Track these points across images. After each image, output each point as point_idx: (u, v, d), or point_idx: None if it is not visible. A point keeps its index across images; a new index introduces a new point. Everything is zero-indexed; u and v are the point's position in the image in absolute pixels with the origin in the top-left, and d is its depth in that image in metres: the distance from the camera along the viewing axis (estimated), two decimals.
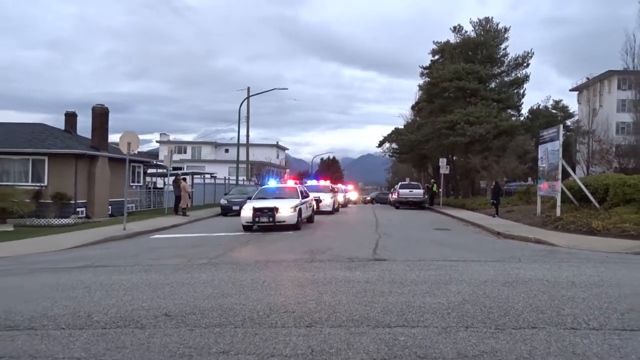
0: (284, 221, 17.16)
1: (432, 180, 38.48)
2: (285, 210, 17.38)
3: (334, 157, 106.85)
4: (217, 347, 4.75)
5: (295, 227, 17.58)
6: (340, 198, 34.94)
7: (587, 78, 63.43)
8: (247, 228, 17.57)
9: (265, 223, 17.17)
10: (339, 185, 42.01)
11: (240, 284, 7.91)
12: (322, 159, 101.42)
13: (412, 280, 7.95)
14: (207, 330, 5.34)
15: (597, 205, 17.85)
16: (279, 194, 19.68)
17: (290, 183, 22.98)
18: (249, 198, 20.35)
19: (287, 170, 73.79)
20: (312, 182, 35.98)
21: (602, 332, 5.10)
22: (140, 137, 19.39)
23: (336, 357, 4.45)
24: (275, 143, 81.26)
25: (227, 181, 44.57)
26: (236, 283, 7.98)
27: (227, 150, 72.38)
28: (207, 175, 45.44)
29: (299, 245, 13.33)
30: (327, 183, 35.99)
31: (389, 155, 59.81)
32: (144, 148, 76.16)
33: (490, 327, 5.29)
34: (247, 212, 17.52)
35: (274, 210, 17.18)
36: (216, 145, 76.07)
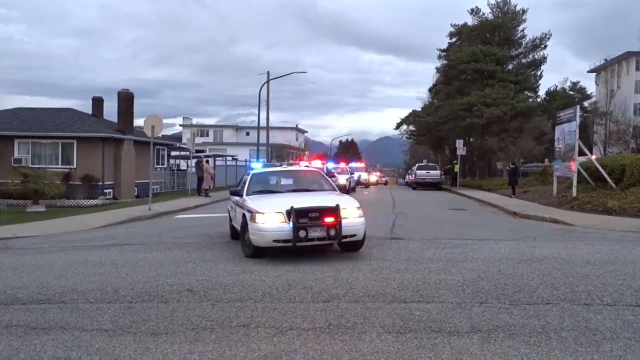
0: (354, 235, 8.43)
1: (455, 162, 38.33)
2: (353, 212, 8.63)
3: (352, 140, 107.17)
4: (237, 321, 4.94)
5: (361, 244, 9.02)
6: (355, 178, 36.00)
7: (605, 59, 62.31)
8: (261, 251, 8.46)
9: (321, 241, 8.19)
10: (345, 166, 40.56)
11: (260, 261, 8.11)
12: (340, 142, 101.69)
13: (427, 258, 8.08)
14: (228, 304, 5.54)
15: (613, 185, 17.72)
16: (297, 184, 10.42)
17: (316, 163, 15.84)
18: (236, 193, 10.67)
19: (307, 152, 74.05)
20: (330, 165, 35.93)
21: (615, 308, 5.19)
22: (164, 121, 19.63)
23: (352, 330, 4.61)
24: (295, 126, 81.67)
25: (247, 163, 45.03)
26: (256, 260, 8.17)
27: (247, 133, 72.76)
28: (229, 158, 45.88)
29: None
30: (343, 165, 36.13)
31: (406, 137, 59.91)
32: (168, 131, 76.89)
33: (504, 303, 5.41)
34: (272, 220, 8.17)
35: (336, 212, 8.16)
36: (237, 128, 76.63)
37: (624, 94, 54.49)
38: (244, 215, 8.94)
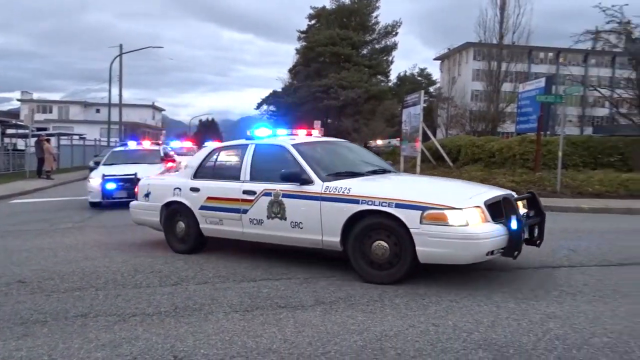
0: None
1: None
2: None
3: (212, 119, 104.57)
4: (74, 311, 4.66)
5: None
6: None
7: (448, 49, 68.02)
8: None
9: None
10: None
11: (106, 246, 7.69)
12: (200, 121, 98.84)
13: None
14: (66, 294, 5.19)
15: (450, 164, 19.62)
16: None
17: (147, 144, 16.67)
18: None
19: (163, 132, 70.96)
20: (175, 144, 28.29)
21: (442, 273, 5.77)
22: None
23: (199, 312, 4.60)
24: (152, 104, 77.75)
25: (97, 143, 41.90)
26: (102, 246, 7.74)
27: (98, 111, 67.49)
28: (76, 137, 42.25)
29: None
30: (190, 144, 29.70)
31: (267, 117, 60.11)
32: (4, 107, 68.66)
33: (348, 276, 5.73)
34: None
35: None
36: (86, 104, 70.72)
37: (463, 81, 59.93)
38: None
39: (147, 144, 16.44)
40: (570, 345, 3.73)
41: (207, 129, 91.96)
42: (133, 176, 12.21)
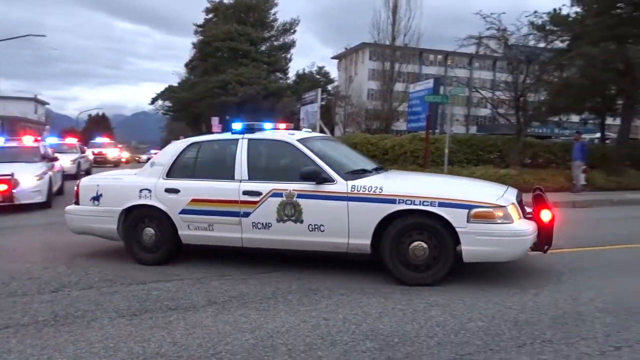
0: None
1: None
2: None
3: (103, 114, 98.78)
4: None
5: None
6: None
7: (345, 48, 69.68)
8: None
9: None
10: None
11: None
12: (89, 116, 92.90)
13: None
14: None
15: None
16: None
17: (27, 140, 14.49)
18: None
19: (47, 127, 65.76)
20: (52, 140, 23.70)
21: (332, 265, 5.91)
22: None
23: (82, 319, 4.34)
24: (34, 97, 71.58)
25: None
26: None
27: None
28: None
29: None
30: (75, 141, 25.59)
31: (162, 113, 57.98)
32: None
33: (242, 275, 5.70)
34: None
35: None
36: None
37: (360, 80, 61.80)
38: None
39: (26, 140, 14.22)
40: (449, 331, 4.00)
41: (97, 125, 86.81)
42: (9, 177, 10.81)
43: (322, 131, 20.97)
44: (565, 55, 18.45)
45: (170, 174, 6.25)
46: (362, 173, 5.93)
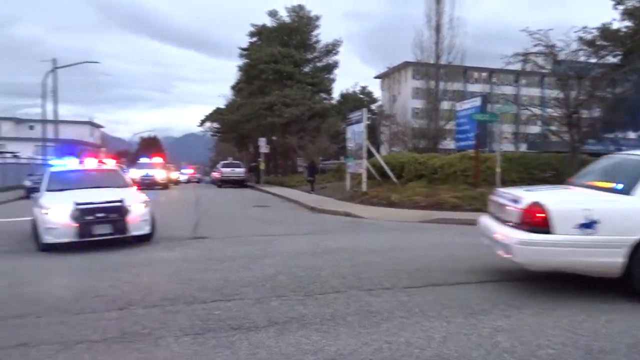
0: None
1: (259, 159, 39.25)
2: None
3: (154, 136, 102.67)
4: (15, 340, 4.40)
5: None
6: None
7: (388, 67, 69.60)
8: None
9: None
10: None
11: (46, 270, 7.36)
12: (142, 138, 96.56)
13: (229, 256, 8.17)
14: (3, 322, 4.90)
15: (395, 180, 20.05)
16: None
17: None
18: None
19: (103, 149, 68.57)
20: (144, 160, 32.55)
21: (392, 291, 5.88)
22: None
23: (149, 337, 4.46)
24: (89, 120, 75.12)
25: (32, 161, 40.02)
26: (41, 270, 7.40)
27: (31, 127, 64.27)
28: (8, 154, 40.18)
29: None
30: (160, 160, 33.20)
31: (210, 134, 59.43)
32: None
33: (299, 295, 5.74)
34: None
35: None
36: (18, 121, 67.41)
37: (403, 99, 61.60)
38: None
39: (93, 163, 12.48)
40: (518, 358, 3.88)
41: (149, 146, 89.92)
42: (120, 204, 9.27)
43: (368, 150, 20.97)
44: (617, 71, 17.90)
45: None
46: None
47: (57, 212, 8.96)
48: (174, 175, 46.23)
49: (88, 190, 9.90)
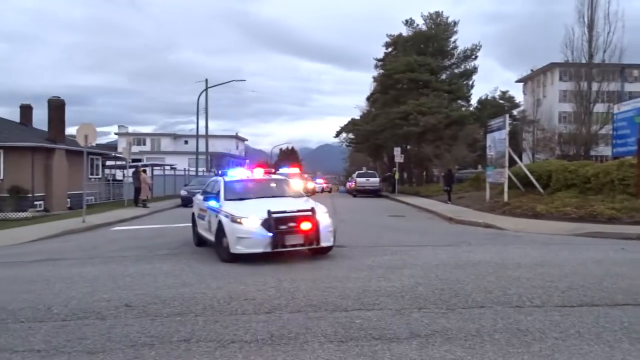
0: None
1: (394, 169, 39.29)
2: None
3: (292, 147, 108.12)
4: (178, 336, 4.85)
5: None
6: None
7: (531, 70, 65.63)
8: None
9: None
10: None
11: (201, 273, 8.00)
12: (280, 149, 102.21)
13: (368, 266, 8.23)
14: (169, 319, 5.43)
15: (541, 190, 18.72)
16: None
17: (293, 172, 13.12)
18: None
19: (247, 161, 73.68)
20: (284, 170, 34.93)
21: (544, 309, 5.48)
22: (99, 129, 19.09)
23: (295, 341, 4.64)
24: (235, 134, 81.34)
25: (187, 172, 44.34)
26: (197, 272, 8.06)
27: (186, 142, 71.46)
28: (167, 167, 45.01)
29: None
30: (297, 170, 34.67)
31: (345, 145, 60.74)
32: (103, 140, 74.65)
33: (441, 308, 5.60)
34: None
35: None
36: (175, 136, 75.36)
37: (549, 102, 57.61)
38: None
39: (260, 173, 12.40)
40: None
41: (287, 157, 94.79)
42: (311, 213, 8.95)
43: (511, 158, 19.87)
44: None
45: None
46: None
47: (251, 221, 8.69)
48: (310, 185, 47.65)
49: (268, 199, 9.69)
